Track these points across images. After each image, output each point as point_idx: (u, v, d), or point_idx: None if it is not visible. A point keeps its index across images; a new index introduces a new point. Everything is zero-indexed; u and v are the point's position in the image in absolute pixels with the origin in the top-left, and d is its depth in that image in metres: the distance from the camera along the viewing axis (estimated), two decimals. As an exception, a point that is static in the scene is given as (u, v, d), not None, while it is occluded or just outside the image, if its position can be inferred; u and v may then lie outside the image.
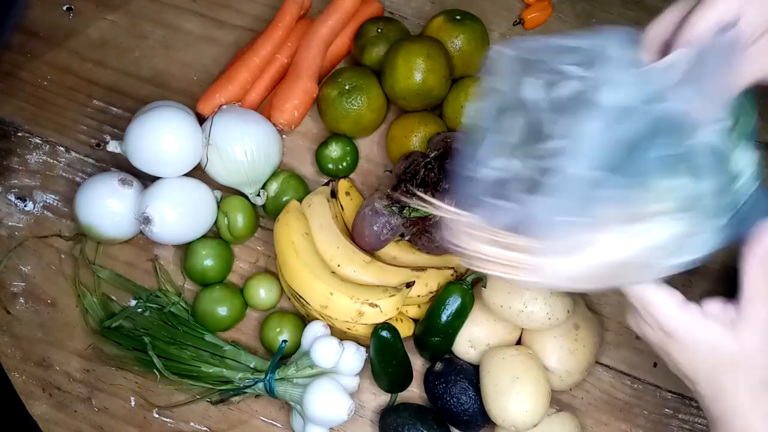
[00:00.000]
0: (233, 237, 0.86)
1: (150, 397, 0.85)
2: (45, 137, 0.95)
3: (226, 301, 0.84)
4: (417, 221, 0.78)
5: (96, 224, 0.85)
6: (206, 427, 0.84)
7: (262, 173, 0.87)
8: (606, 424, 0.81)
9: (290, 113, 0.88)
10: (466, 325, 0.79)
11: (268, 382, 0.79)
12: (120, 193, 0.84)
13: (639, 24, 0.96)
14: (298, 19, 0.93)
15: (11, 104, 0.96)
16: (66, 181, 0.93)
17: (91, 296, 0.87)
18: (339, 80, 0.87)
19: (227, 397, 0.83)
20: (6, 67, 0.97)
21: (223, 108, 0.88)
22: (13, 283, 0.90)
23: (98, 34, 0.98)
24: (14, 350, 0.88)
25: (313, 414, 0.76)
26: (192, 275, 0.86)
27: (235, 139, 0.84)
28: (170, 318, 0.85)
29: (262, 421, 0.84)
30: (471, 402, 0.77)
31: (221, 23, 0.97)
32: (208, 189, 0.86)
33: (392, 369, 0.79)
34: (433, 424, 0.78)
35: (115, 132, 0.93)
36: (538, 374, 0.75)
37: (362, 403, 0.83)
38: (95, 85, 0.96)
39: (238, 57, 0.92)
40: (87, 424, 0.85)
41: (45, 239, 0.90)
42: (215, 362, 0.82)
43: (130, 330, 0.85)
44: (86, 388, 0.86)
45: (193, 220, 0.85)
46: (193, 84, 0.95)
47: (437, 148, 0.79)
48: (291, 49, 0.92)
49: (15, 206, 0.92)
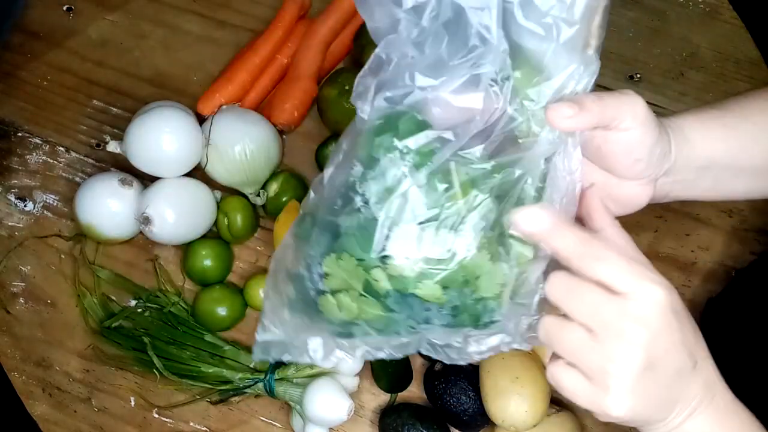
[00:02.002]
0: (233, 237, 0.86)
1: (150, 397, 0.85)
2: (45, 137, 0.95)
3: (226, 301, 0.84)
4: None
5: (96, 224, 0.85)
6: (206, 427, 0.84)
7: (262, 173, 0.87)
8: (606, 424, 0.81)
9: (290, 113, 0.88)
10: (466, 325, 0.79)
11: (267, 382, 0.79)
12: (120, 193, 0.84)
13: (638, 23, 0.97)
14: (298, 20, 0.93)
15: (11, 104, 0.96)
16: (66, 181, 0.93)
17: (91, 296, 0.87)
18: (339, 80, 0.87)
19: (227, 397, 0.83)
20: (6, 67, 0.97)
21: (223, 108, 0.88)
22: (13, 283, 0.89)
23: (98, 34, 0.98)
24: (14, 350, 0.88)
25: (312, 414, 0.76)
26: (192, 275, 0.86)
27: (235, 139, 0.84)
28: (170, 318, 0.85)
29: (262, 421, 0.84)
30: (471, 402, 0.77)
31: (221, 23, 0.97)
32: (208, 189, 0.86)
33: (392, 369, 0.79)
34: (433, 424, 0.78)
35: (115, 132, 0.93)
36: (538, 374, 0.75)
37: (362, 403, 0.83)
38: (95, 85, 0.96)
39: (238, 57, 0.92)
40: (87, 424, 0.85)
41: (45, 239, 0.90)
42: (215, 362, 0.82)
43: (130, 330, 0.85)
44: (86, 388, 0.86)
45: (193, 220, 0.85)
46: (193, 84, 0.95)
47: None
48: (291, 50, 0.92)
49: (15, 206, 0.92)
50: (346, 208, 0.51)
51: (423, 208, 0.49)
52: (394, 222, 0.49)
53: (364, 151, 0.52)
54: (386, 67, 0.52)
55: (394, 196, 0.49)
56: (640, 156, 0.51)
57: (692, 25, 0.93)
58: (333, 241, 0.51)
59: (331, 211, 0.52)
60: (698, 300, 0.81)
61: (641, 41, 0.92)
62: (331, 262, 0.51)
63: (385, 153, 0.50)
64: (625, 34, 0.93)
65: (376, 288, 0.50)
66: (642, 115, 0.50)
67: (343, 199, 0.52)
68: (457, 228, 0.49)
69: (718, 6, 0.93)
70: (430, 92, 0.50)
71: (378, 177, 0.50)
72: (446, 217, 0.49)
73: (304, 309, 0.54)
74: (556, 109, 0.47)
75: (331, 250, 0.51)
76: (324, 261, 0.51)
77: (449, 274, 0.49)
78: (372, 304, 0.50)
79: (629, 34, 0.93)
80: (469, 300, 0.50)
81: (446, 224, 0.49)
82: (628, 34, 0.92)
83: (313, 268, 0.52)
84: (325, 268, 0.51)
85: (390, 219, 0.49)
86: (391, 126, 0.51)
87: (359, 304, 0.51)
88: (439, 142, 0.50)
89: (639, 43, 0.92)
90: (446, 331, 0.52)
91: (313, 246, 0.52)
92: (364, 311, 0.51)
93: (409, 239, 0.49)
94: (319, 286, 0.52)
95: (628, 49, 0.92)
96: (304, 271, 0.53)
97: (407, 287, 0.49)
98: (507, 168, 0.50)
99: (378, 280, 0.49)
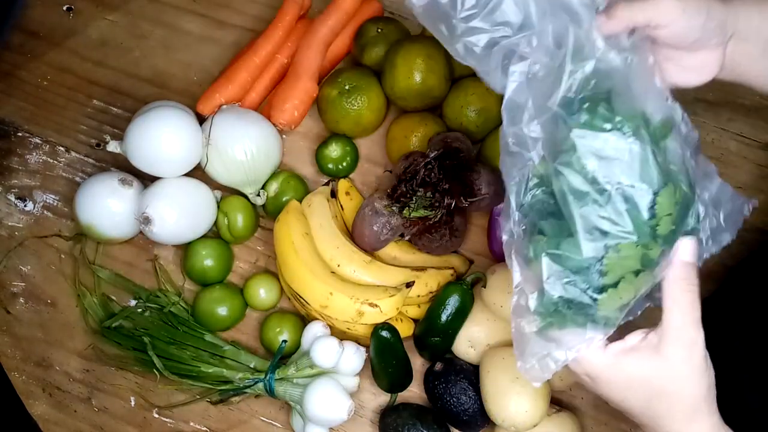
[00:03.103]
0: (233, 237, 0.86)
1: (150, 397, 0.85)
2: (45, 137, 0.95)
3: (226, 301, 0.84)
4: (417, 221, 0.78)
5: (96, 224, 0.85)
6: (206, 427, 0.84)
7: (262, 173, 0.87)
8: (606, 424, 0.81)
9: (290, 113, 0.88)
10: (466, 325, 0.79)
11: (268, 382, 0.79)
12: (120, 193, 0.84)
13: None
14: (298, 19, 0.93)
15: (11, 104, 0.96)
16: (66, 181, 0.93)
17: (91, 296, 0.87)
18: (339, 80, 0.87)
19: (227, 397, 0.83)
20: (6, 67, 0.97)
21: (223, 108, 0.88)
22: (13, 283, 0.90)
23: (98, 34, 0.98)
24: (14, 350, 0.88)
25: (312, 414, 0.76)
26: (192, 275, 0.86)
27: (235, 139, 0.84)
28: (170, 318, 0.85)
29: (262, 421, 0.84)
30: (471, 402, 0.77)
31: (221, 23, 0.97)
32: (208, 189, 0.86)
33: (392, 369, 0.79)
34: (433, 424, 0.78)
35: (115, 132, 0.93)
36: (538, 374, 0.75)
37: (362, 403, 0.83)
38: (95, 85, 0.96)
39: (238, 57, 0.92)
40: (87, 424, 0.85)
41: (45, 239, 0.90)
42: (215, 362, 0.82)
43: (130, 330, 0.85)
44: (86, 388, 0.86)
45: (193, 220, 0.85)
46: (193, 84, 0.95)
47: (437, 148, 0.79)
48: (291, 49, 0.92)
49: (15, 206, 0.92)
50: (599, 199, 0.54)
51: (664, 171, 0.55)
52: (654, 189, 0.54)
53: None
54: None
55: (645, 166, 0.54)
56: (695, 36, 0.57)
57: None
58: (603, 239, 0.54)
59: (593, 210, 0.55)
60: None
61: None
62: (610, 259, 0.54)
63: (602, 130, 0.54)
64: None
65: (652, 255, 0.54)
66: (674, 10, 0.56)
67: (599, 193, 0.54)
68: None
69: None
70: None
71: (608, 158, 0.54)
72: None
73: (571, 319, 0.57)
74: (596, 19, 0.55)
75: (604, 249, 0.54)
76: (603, 260, 0.54)
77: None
78: (643, 275, 0.55)
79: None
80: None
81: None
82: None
83: (591, 271, 0.55)
84: (606, 266, 0.55)
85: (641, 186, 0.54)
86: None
87: (635, 284, 0.55)
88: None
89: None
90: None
91: (583, 252, 0.55)
92: (638, 284, 0.55)
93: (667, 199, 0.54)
94: (599, 284, 0.55)
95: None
96: (579, 282, 0.56)
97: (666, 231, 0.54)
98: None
99: (652, 248, 0.54)
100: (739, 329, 0.71)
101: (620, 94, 0.55)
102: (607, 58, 0.55)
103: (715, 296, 0.78)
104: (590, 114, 0.54)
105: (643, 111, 0.55)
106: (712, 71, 0.61)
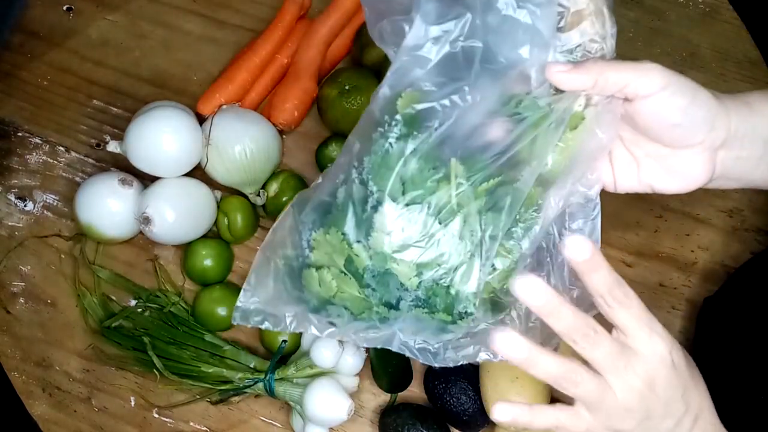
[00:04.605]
0: (233, 237, 0.86)
1: (150, 397, 0.85)
2: (45, 137, 0.95)
3: (226, 301, 0.84)
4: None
5: (96, 224, 0.85)
6: (206, 427, 0.84)
7: (262, 173, 0.87)
8: (606, 424, 0.81)
9: (290, 113, 0.88)
10: (466, 325, 0.79)
11: (267, 382, 0.79)
12: (120, 193, 0.84)
13: (638, 23, 0.97)
14: (298, 19, 0.93)
15: (11, 104, 0.96)
16: (66, 181, 0.93)
17: (91, 296, 0.87)
18: (339, 80, 0.87)
19: (227, 397, 0.83)
20: (6, 67, 0.97)
21: (223, 108, 0.88)
22: (13, 283, 0.90)
23: (98, 34, 0.98)
24: (14, 350, 0.88)
25: (312, 414, 0.76)
26: (192, 275, 0.86)
27: (235, 139, 0.84)
28: (170, 318, 0.85)
29: (261, 421, 0.84)
30: (471, 402, 0.77)
31: (221, 23, 0.97)
32: (208, 189, 0.86)
33: (392, 369, 0.79)
34: (433, 424, 0.78)
35: (115, 132, 0.93)
36: (538, 374, 0.75)
37: (362, 403, 0.83)
38: (95, 85, 0.96)
39: (238, 57, 0.92)
40: (87, 424, 0.85)
41: (45, 239, 0.90)
42: (215, 362, 0.82)
43: (130, 330, 0.85)
44: (86, 388, 0.86)
45: (193, 220, 0.85)
46: (193, 84, 0.95)
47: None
48: (291, 49, 0.92)
49: (15, 206, 0.92)
50: (343, 184, 0.54)
51: (410, 186, 0.51)
52: (380, 199, 0.51)
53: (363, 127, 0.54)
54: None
55: (384, 170, 0.51)
56: (676, 120, 0.50)
57: (692, 25, 0.93)
58: (325, 217, 0.54)
59: (332, 186, 0.55)
60: (698, 300, 0.81)
61: (641, 41, 0.92)
62: (319, 236, 0.54)
63: (377, 127, 0.53)
64: (625, 34, 0.92)
65: (356, 264, 0.53)
66: (660, 80, 0.49)
67: (345, 175, 0.54)
68: (441, 213, 0.51)
69: (718, 6, 0.93)
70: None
71: (372, 152, 0.53)
72: (432, 200, 0.51)
73: (289, 279, 0.57)
74: (554, 64, 0.49)
75: (322, 225, 0.54)
76: (313, 234, 0.54)
77: (426, 255, 0.51)
78: (350, 284, 0.53)
79: (629, 34, 0.92)
80: (442, 287, 0.52)
81: (432, 208, 0.51)
82: (628, 34, 0.92)
83: (303, 235, 0.56)
84: (313, 241, 0.54)
85: (377, 194, 0.51)
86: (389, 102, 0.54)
87: (339, 282, 0.54)
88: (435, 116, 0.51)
89: (639, 43, 0.92)
90: (418, 326, 0.53)
91: (307, 215, 0.56)
92: (342, 290, 0.54)
93: (392, 216, 0.51)
94: (306, 259, 0.55)
95: (628, 49, 0.92)
96: (296, 240, 0.56)
97: (385, 263, 0.52)
98: (508, 168, 0.51)
99: (359, 255, 0.52)
100: (740, 329, 0.71)
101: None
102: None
103: (716, 296, 0.78)
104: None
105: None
106: (697, 179, 0.53)
